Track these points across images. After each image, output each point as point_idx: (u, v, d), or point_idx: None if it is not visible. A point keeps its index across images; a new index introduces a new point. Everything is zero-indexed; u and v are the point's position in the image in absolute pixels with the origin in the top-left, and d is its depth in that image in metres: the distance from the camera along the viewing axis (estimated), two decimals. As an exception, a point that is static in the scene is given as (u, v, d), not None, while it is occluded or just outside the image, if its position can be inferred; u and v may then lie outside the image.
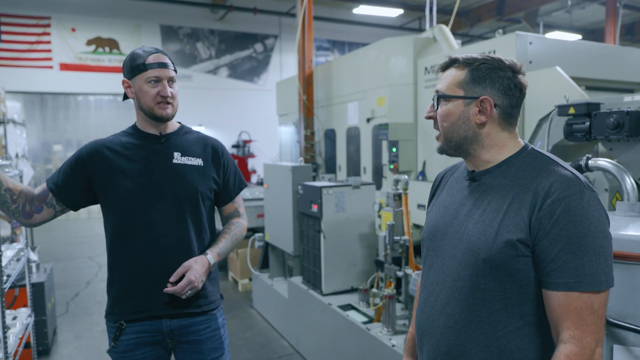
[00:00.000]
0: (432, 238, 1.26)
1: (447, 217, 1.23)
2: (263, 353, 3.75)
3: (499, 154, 1.16)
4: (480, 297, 1.11)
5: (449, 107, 1.17)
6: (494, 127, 1.15)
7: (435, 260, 1.24)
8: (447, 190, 1.30)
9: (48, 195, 1.66)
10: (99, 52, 11.47)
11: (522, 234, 1.05)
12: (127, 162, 1.68)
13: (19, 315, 3.05)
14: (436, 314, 1.19)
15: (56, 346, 3.96)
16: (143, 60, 1.65)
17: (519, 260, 1.06)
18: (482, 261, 1.09)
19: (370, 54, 5.37)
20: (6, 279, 2.55)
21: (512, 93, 1.14)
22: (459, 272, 1.14)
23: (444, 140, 1.20)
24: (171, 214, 1.68)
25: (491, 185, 1.15)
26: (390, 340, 2.62)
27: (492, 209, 1.12)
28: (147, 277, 1.66)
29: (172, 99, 1.69)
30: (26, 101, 11.02)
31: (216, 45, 12.62)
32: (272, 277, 4.42)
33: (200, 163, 1.75)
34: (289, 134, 7.88)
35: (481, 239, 1.10)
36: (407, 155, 4.91)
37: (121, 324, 1.66)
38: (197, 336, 1.73)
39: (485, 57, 1.15)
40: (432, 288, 1.22)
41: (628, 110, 2.14)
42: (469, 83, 1.14)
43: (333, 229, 3.35)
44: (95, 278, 6.03)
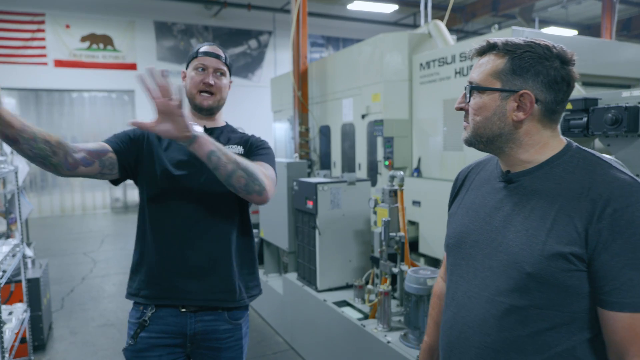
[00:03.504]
0: (460, 245, 1.13)
1: (478, 222, 1.10)
2: (258, 349, 3.77)
3: (539, 154, 1.03)
4: (524, 315, 0.98)
5: (483, 99, 1.03)
6: (534, 124, 1.02)
7: (465, 271, 1.11)
8: (475, 192, 1.16)
9: (107, 153, 1.57)
10: (93, 48, 11.40)
11: (577, 247, 0.93)
12: (170, 151, 1.68)
13: (15, 311, 3.06)
14: (470, 332, 1.06)
15: (52, 341, 3.96)
16: (197, 49, 1.71)
17: (571, 275, 0.94)
18: (527, 275, 0.96)
19: (365, 50, 5.38)
20: (2, 275, 2.56)
21: (558, 87, 0.99)
22: (498, 286, 1.01)
23: (472, 133, 1.07)
24: (212, 205, 1.66)
25: (533, 188, 1.02)
26: (385, 337, 2.64)
27: (536, 217, 0.99)
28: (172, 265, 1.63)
29: (217, 90, 1.69)
30: (21, 98, 10.94)
31: (210, 41, 12.57)
32: (267, 274, 4.44)
33: (240, 150, 1.73)
34: (283, 130, 7.88)
35: (525, 250, 0.97)
36: (402, 151, 4.93)
37: (144, 320, 1.63)
38: (219, 344, 1.70)
39: (530, 44, 1.00)
40: (464, 302, 1.09)
41: (626, 106, 2.15)
42: (508, 74, 1.00)
43: (328, 225, 3.36)
44: (90, 274, 6.02)
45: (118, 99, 12.01)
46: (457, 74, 4.21)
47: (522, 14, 12.41)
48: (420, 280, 2.44)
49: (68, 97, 11.55)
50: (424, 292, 2.44)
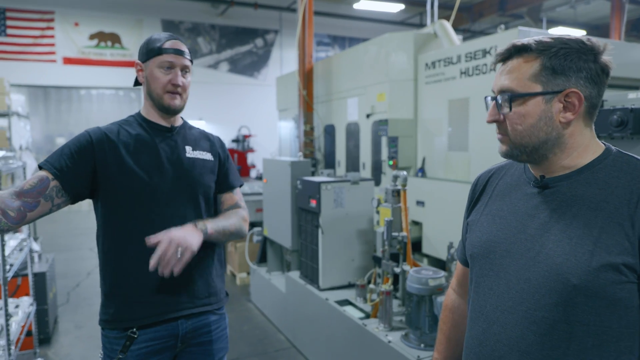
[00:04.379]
0: (488, 255, 1.06)
1: (510, 231, 1.03)
2: (260, 346, 3.80)
3: (580, 158, 0.98)
4: (569, 330, 0.92)
5: (525, 107, 0.96)
6: (578, 124, 0.97)
7: (496, 283, 1.03)
8: (502, 198, 1.09)
9: (48, 185, 1.42)
10: (102, 46, 11.51)
11: (629, 256, 0.87)
12: (141, 154, 1.56)
13: (21, 304, 3.10)
14: (505, 349, 0.99)
15: (57, 335, 4.01)
16: (160, 44, 1.56)
17: (622, 288, 0.88)
18: (574, 288, 0.90)
19: (371, 50, 5.38)
20: (9, 268, 2.60)
21: (600, 80, 0.94)
22: (538, 300, 0.94)
23: (515, 144, 0.99)
24: (188, 210, 1.60)
25: (574, 194, 0.96)
26: (386, 337, 2.66)
27: (579, 224, 0.93)
28: (163, 278, 1.48)
29: (183, 90, 1.60)
30: (30, 94, 11.07)
31: (217, 40, 12.63)
32: (270, 272, 4.46)
33: (210, 157, 1.71)
34: (288, 129, 7.90)
35: (570, 261, 0.91)
36: (406, 151, 4.93)
37: (133, 332, 1.52)
38: (209, 337, 1.67)
39: (562, 40, 0.94)
40: (496, 316, 1.02)
41: (632, 108, 2.14)
42: (548, 74, 0.94)
43: (331, 225, 3.38)
44: (96, 269, 6.08)
45: (125, 96, 12.11)
46: (462, 74, 4.21)
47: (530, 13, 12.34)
48: (422, 280, 2.45)
49: (76, 94, 11.67)
50: (426, 292, 2.45)
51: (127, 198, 1.53)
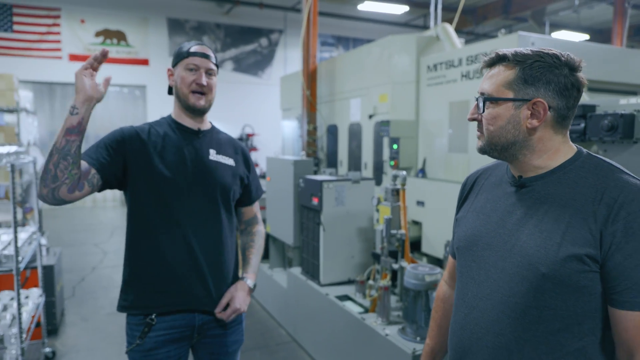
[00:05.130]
0: (471, 248, 1.16)
1: (490, 226, 1.13)
2: (261, 340, 3.89)
3: (551, 160, 1.07)
4: (538, 315, 1.01)
5: (497, 110, 1.07)
6: (547, 131, 1.05)
7: (477, 273, 1.13)
8: (486, 196, 1.19)
9: (90, 172, 1.53)
10: (107, 43, 11.60)
11: (591, 248, 0.96)
12: (167, 153, 1.66)
13: (31, 295, 3.20)
14: (482, 332, 1.09)
15: (64, 326, 4.11)
16: (187, 49, 1.69)
17: (585, 276, 0.97)
18: (542, 276, 0.99)
19: (374, 51, 5.46)
20: (21, 259, 2.70)
21: (568, 93, 1.03)
22: (512, 287, 1.04)
23: (487, 142, 1.10)
24: (206, 209, 1.70)
25: (546, 193, 1.05)
26: (384, 330, 2.74)
27: (550, 219, 1.02)
28: (180, 270, 1.64)
29: (208, 91, 1.71)
30: (36, 91, 11.16)
31: (222, 38, 12.72)
32: (272, 268, 4.56)
33: (232, 163, 1.80)
34: (292, 129, 7.99)
35: (540, 252, 1.00)
36: (407, 152, 5.01)
37: (151, 319, 1.62)
38: (224, 330, 1.76)
39: (539, 54, 1.03)
40: (475, 303, 1.12)
41: (622, 113, 2.22)
42: (520, 83, 1.04)
43: (332, 222, 3.47)
44: (101, 264, 6.19)
45: (130, 94, 12.21)
46: (463, 77, 4.29)
47: (534, 17, 12.40)
48: (419, 276, 2.54)
49: (81, 91, 11.74)
50: (422, 288, 2.54)
51: (151, 193, 1.64)
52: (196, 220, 1.67)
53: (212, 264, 1.71)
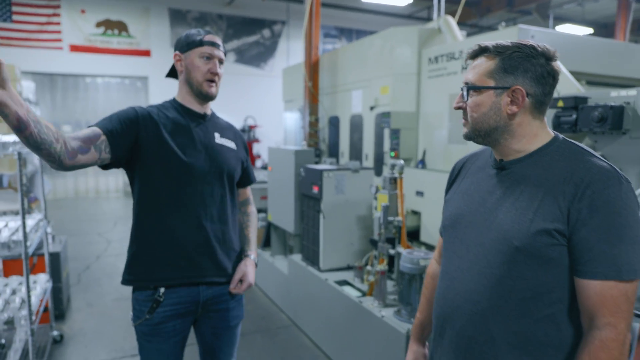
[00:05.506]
0: (455, 225, 1.25)
1: (473, 205, 1.21)
2: (262, 324, 3.99)
3: (530, 144, 1.15)
4: (511, 284, 1.10)
5: (479, 97, 1.15)
6: (526, 116, 1.13)
7: (459, 248, 1.22)
8: (471, 179, 1.28)
9: (99, 137, 1.53)
10: (108, 34, 11.60)
11: (559, 223, 1.05)
12: (176, 135, 1.73)
13: (39, 280, 3.29)
14: (461, 301, 1.18)
15: (70, 312, 4.22)
16: (201, 37, 1.75)
17: (553, 249, 1.06)
18: (516, 249, 1.08)
19: (376, 43, 5.50)
20: (30, 244, 2.78)
21: (545, 81, 1.11)
22: (489, 259, 1.13)
23: (472, 128, 1.18)
24: (215, 189, 1.80)
25: (523, 174, 1.13)
26: (380, 312, 2.83)
27: (525, 198, 1.10)
28: (191, 246, 1.74)
29: (219, 79, 1.80)
30: (37, 81, 11.19)
31: (224, 30, 12.73)
32: (274, 255, 4.65)
33: (234, 147, 1.91)
34: (294, 120, 8.04)
35: (514, 227, 1.09)
36: (408, 143, 5.07)
37: (159, 295, 1.71)
38: (226, 305, 1.87)
39: (517, 45, 1.12)
40: (456, 275, 1.21)
41: (612, 105, 2.29)
42: (500, 72, 1.12)
43: (332, 210, 3.55)
44: (105, 253, 6.29)
45: (131, 85, 12.24)
46: (464, 70, 4.34)
47: (538, 10, 12.37)
48: (414, 260, 2.62)
49: (82, 82, 11.79)
50: (417, 272, 2.62)
51: (164, 172, 1.71)
52: (206, 200, 1.78)
53: (221, 240, 1.83)
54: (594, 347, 1.03)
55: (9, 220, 3.23)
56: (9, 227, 3.03)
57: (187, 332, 1.86)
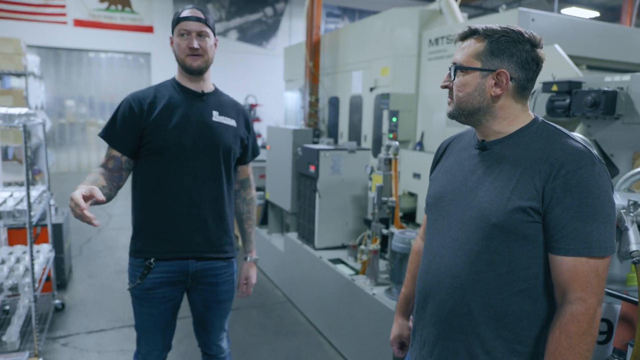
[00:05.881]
0: (438, 203, 1.29)
1: (455, 184, 1.25)
2: (258, 300, 4.11)
3: (510, 125, 1.19)
4: (488, 259, 1.15)
5: (465, 78, 1.18)
6: (508, 99, 1.17)
7: (441, 225, 1.26)
8: (454, 158, 1.32)
9: (122, 162, 1.78)
10: (112, 9, 11.52)
11: (534, 202, 1.09)
12: (171, 114, 1.80)
13: (42, 250, 3.39)
14: (442, 275, 1.23)
15: (72, 282, 4.35)
16: (179, 15, 1.80)
17: (529, 226, 1.10)
18: (493, 226, 1.13)
19: (377, 24, 5.49)
20: (34, 214, 2.87)
21: (529, 67, 1.15)
22: (469, 236, 1.18)
23: (456, 107, 1.21)
24: (209, 167, 1.84)
25: (503, 154, 1.18)
26: (371, 290, 2.92)
27: (503, 177, 1.15)
28: (183, 222, 1.82)
29: (203, 52, 1.79)
30: (41, 56, 11.15)
31: (227, 7, 12.61)
32: (270, 233, 4.74)
33: (234, 124, 1.93)
34: (294, 100, 8.06)
35: (493, 205, 1.13)
36: (406, 125, 5.10)
37: (150, 262, 1.82)
38: (216, 279, 1.94)
39: (505, 29, 1.15)
40: (438, 251, 1.26)
41: (605, 90, 2.32)
42: (487, 55, 1.15)
43: (328, 190, 3.62)
44: (106, 227, 6.40)
45: (134, 61, 12.20)
46: (462, 52, 4.34)
47: (544, -8, 12.18)
48: (406, 240, 2.70)
49: (86, 57, 11.77)
50: (408, 251, 2.70)
51: (158, 151, 1.80)
52: (199, 177, 1.83)
53: (213, 216, 1.89)
54: (564, 320, 1.09)
55: (14, 191, 3.31)
56: (14, 197, 3.11)
57: (178, 301, 1.95)
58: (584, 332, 1.07)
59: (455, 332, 1.22)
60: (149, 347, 1.97)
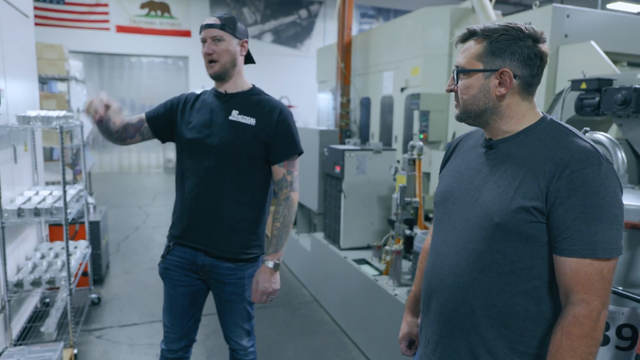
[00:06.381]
0: (445, 202, 1.28)
1: (462, 183, 1.24)
2: (285, 299, 4.15)
3: (517, 124, 1.17)
4: (491, 259, 1.13)
5: (469, 80, 1.17)
6: (514, 97, 1.16)
7: (446, 223, 1.26)
8: (462, 157, 1.31)
9: (143, 124, 2.02)
10: (152, 15, 11.98)
11: (538, 201, 1.07)
12: (197, 114, 1.98)
13: (79, 246, 3.56)
14: (445, 274, 1.22)
15: (108, 277, 4.54)
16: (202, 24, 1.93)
17: (532, 226, 1.09)
18: (496, 225, 1.11)
19: (407, 24, 5.43)
20: (70, 212, 3.02)
21: (532, 62, 1.13)
22: (472, 235, 1.17)
23: (462, 110, 1.21)
24: (214, 163, 1.90)
25: (508, 153, 1.16)
26: (393, 291, 2.90)
27: (508, 176, 1.13)
28: (190, 213, 1.96)
29: (217, 57, 1.87)
30: (86, 61, 11.75)
31: (262, 10, 12.82)
32: (299, 233, 4.78)
33: (252, 123, 1.90)
34: (327, 101, 8.08)
35: (496, 204, 1.12)
36: (437, 125, 5.01)
37: (170, 245, 2.03)
38: (222, 278, 1.99)
39: (505, 27, 1.13)
40: (442, 249, 1.25)
41: (636, 87, 2.22)
42: (488, 55, 1.14)
43: (353, 190, 3.61)
44: (143, 225, 6.64)
45: (173, 65, 12.61)
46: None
47: (588, -14, 11.69)
48: (428, 241, 2.66)
49: (128, 62, 12.28)
50: (431, 252, 2.66)
51: (183, 146, 1.99)
52: (203, 173, 1.93)
53: (213, 214, 1.92)
54: (567, 322, 1.07)
55: (53, 189, 3.49)
56: (52, 195, 3.28)
57: (196, 289, 2.04)
58: (585, 335, 1.04)
59: (458, 330, 1.21)
60: (167, 328, 2.07)
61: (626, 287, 1.72)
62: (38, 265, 3.12)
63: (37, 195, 3.20)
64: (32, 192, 3.31)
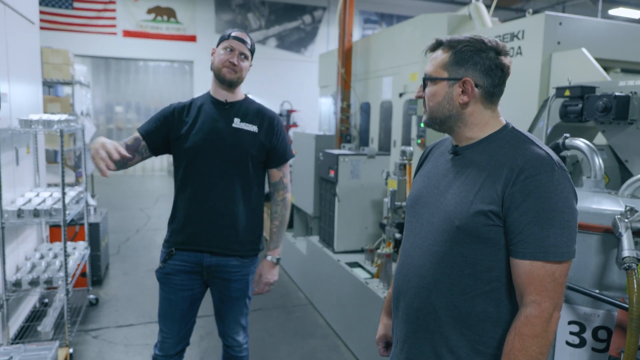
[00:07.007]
0: (414, 205, 1.34)
1: (430, 187, 1.30)
2: (280, 302, 4.20)
3: (480, 132, 1.22)
4: (452, 261, 1.18)
5: (435, 88, 1.23)
6: (477, 106, 1.21)
7: (414, 226, 1.32)
8: (432, 162, 1.37)
9: (140, 144, 2.03)
10: (158, 20, 12.14)
11: (495, 206, 1.12)
12: (197, 121, 2.03)
13: (78, 247, 3.64)
14: (411, 275, 1.27)
15: (107, 279, 4.61)
16: (229, 33, 2.03)
17: (490, 229, 1.14)
18: (457, 228, 1.16)
19: (406, 30, 5.49)
20: (68, 213, 3.10)
21: (493, 73, 1.18)
22: (436, 237, 1.22)
23: (429, 116, 1.27)
24: (222, 169, 2.01)
25: (471, 159, 1.22)
26: (383, 294, 2.94)
27: (469, 182, 1.19)
28: (197, 218, 2.02)
29: (239, 70, 2.01)
30: (93, 65, 11.96)
31: (266, 15, 12.95)
32: (295, 236, 4.83)
33: (254, 129, 2.07)
34: (327, 106, 8.15)
35: (457, 208, 1.17)
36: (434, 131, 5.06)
37: (172, 250, 2.06)
38: (228, 276, 2.08)
39: (469, 39, 1.19)
40: (410, 251, 1.31)
41: (616, 95, 2.26)
42: (453, 65, 1.19)
43: (347, 194, 3.67)
44: (144, 227, 6.73)
45: (179, 69, 12.76)
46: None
47: (589, -7, 11.69)
48: (416, 245, 2.70)
49: (134, 66, 12.45)
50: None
51: (184, 154, 2.04)
52: (211, 178, 2.02)
53: (224, 215, 2.04)
54: (519, 323, 1.11)
55: (54, 191, 3.57)
56: (52, 197, 3.36)
57: (196, 292, 2.11)
58: (536, 335, 1.08)
59: (422, 330, 1.25)
60: (164, 333, 2.13)
61: (602, 289, 1.76)
62: (37, 265, 3.20)
63: (37, 197, 3.28)
64: (33, 193, 3.39)
